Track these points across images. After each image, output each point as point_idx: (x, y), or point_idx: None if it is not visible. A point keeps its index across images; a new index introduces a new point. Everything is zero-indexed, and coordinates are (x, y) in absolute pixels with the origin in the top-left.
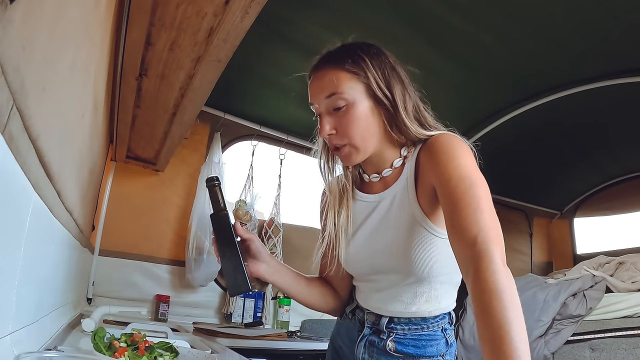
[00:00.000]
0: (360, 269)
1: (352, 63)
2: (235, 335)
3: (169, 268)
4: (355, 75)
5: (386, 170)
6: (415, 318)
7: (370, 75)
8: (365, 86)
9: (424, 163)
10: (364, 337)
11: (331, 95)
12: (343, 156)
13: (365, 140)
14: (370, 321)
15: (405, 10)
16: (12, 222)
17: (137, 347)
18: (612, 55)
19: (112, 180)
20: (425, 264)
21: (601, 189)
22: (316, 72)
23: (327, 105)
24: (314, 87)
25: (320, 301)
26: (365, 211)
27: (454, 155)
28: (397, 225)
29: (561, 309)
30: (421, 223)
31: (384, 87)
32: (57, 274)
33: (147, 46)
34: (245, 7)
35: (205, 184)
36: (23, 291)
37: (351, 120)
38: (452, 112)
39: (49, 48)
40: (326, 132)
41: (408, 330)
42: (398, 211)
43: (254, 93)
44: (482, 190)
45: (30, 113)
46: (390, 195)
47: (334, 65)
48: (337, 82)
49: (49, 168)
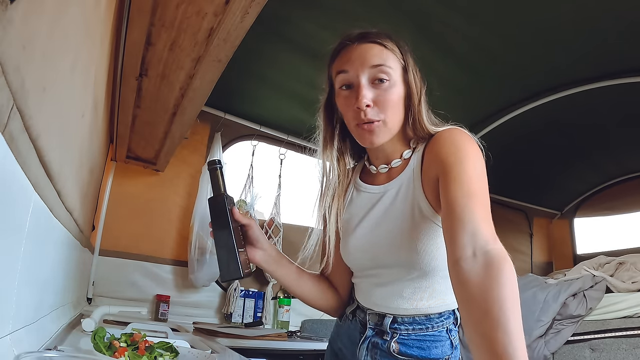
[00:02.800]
0: (362, 262)
1: (397, 47)
2: (235, 335)
3: (170, 268)
4: (399, 59)
5: (395, 160)
6: (419, 316)
7: (410, 65)
8: (405, 73)
9: (431, 155)
10: (366, 338)
11: (378, 66)
12: (371, 131)
13: (394, 122)
14: (373, 322)
15: (406, 11)
16: (12, 222)
17: (137, 347)
18: (612, 56)
19: (112, 180)
20: (431, 256)
21: (601, 189)
22: (359, 43)
23: (371, 75)
24: (355, 54)
25: (320, 298)
26: (369, 203)
27: (459, 158)
28: (402, 217)
29: (561, 309)
30: (426, 214)
31: (418, 80)
32: (57, 273)
33: (147, 46)
34: (246, 7)
35: (207, 167)
36: (23, 291)
37: (392, 96)
38: (453, 112)
39: (49, 48)
40: (366, 100)
41: (412, 331)
42: (403, 202)
43: (254, 93)
44: (480, 199)
45: (31, 113)
46: (396, 186)
47: (381, 41)
48: (385, 56)
49: (49, 168)
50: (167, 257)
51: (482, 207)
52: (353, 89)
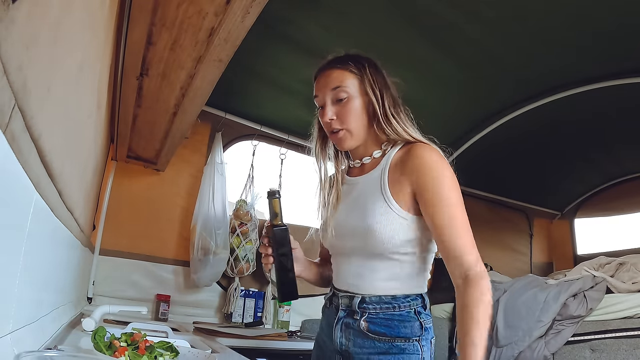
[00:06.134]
0: (332, 241)
1: (354, 66)
2: (236, 335)
3: (171, 268)
4: (356, 76)
5: (366, 158)
6: (385, 296)
7: (366, 78)
8: (362, 85)
9: (403, 167)
10: (339, 320)
11: (336, 88)
12: (339, 139)
13: (358, 128)
14: (344, 304)
15: (406, 11)
16: (13, 221)
17: (138, 347)
18: (613, 56)
19: (112, 180)
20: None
21: (602, 189)
22: (324, 71)
23: (332, 96)
24: (322, 81)
25: (329, 282)
26: (347, 191)
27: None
28: (367, 204)
29: (561, 309)
30: (387, 202)
31: (376, 89)
32: (58, 273)
33: (148, 46)
34: (247, 7)
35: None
36: (23, 290)
37: (350, 110)
38: (453, 112)
39: (54, 48)
40: (329, 116)
41: (380, 310)
42: (371, 190)
43: (255, 93)
44: (459, 209)
45: (33, 113)
46: (367, 179)
47: (340, 66)
48: (342, 78)
49: (50, 167)
50: (167, 257)
51: (463, 230)
52: (323, 108)
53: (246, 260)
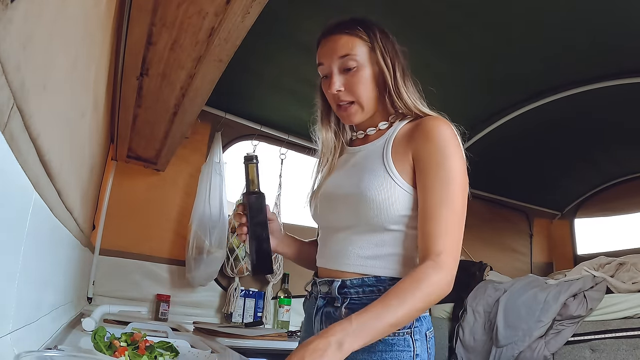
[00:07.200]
0: (320, 210)
1: (364, 32)
2: (236, 335)
3: (169, 267)
4: (366, 43)
5: (370, 129)
6: (368, 277)
7: (377, 46)
8: (373, 54)
9: (411, 139)
10: (318, 310)
11: (345, 56)
12: (348, 114)
13: (368, 100)
14: (323, 291)
15: (406, 10)
16: (12, 221)
17: (138, 347)
18: (613, 56)
19: (112, 180)
20: (380, 209)
21: (602, 189)
22: (330, 35)
23: (340, 64)
24: (327, 47)
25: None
26: (346, 159)
27: (442, 159)
28: (365, 169)
29: (561, 309)
30: (387, 169)
31: (387, 58)
32: (58, 273)
33: (148, 45)
34: (247, 7)
35: (244, 161)
36: (23, 290)
37: (360, 80)
38: (453, 112)
39: (50, 47)
40: (336, 87)
41: (363, 294)
42: (371, 158)
43: (255, 93)
44: (458, 192)
45: (31, 112)
46: (370, 146)
47: (348, 31)
48: (351, 45)
49: (49, 167)
50: (167, 257)
51: (451, 214)
52: (329, 78)
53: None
